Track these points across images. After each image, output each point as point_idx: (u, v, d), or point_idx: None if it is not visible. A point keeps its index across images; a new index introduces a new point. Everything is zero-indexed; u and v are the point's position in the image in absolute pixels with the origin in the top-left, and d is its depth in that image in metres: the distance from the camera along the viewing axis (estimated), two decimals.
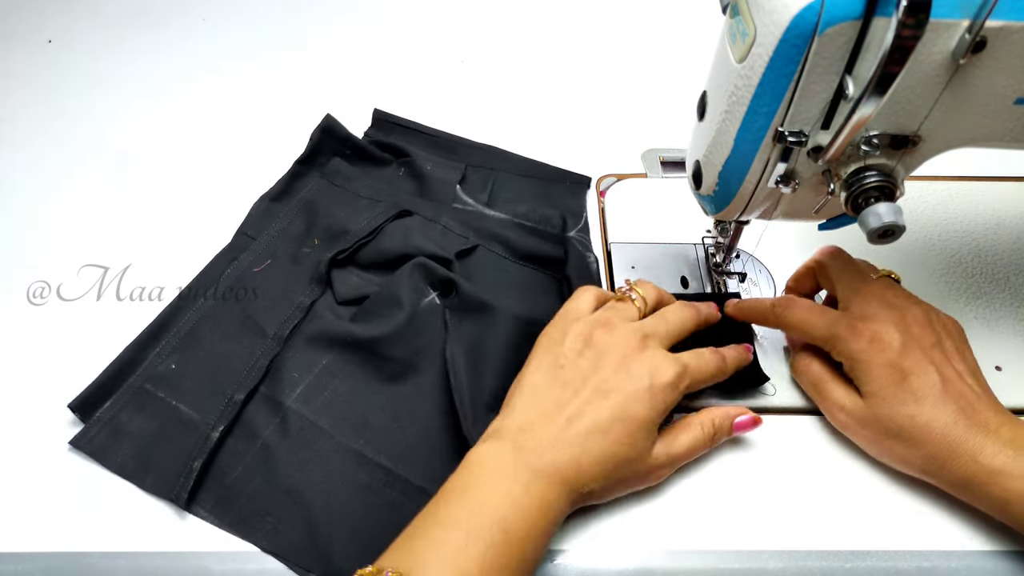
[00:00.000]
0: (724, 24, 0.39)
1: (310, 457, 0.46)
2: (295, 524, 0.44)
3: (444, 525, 0.37)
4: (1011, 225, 0.59)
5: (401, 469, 0.46)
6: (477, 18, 0.78)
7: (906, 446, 0.42)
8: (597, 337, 0.44)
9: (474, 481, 0.39)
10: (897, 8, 0.32)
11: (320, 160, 0.62)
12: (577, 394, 0.42)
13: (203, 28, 0.76)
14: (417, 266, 0.53)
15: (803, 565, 0.43)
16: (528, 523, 0.38)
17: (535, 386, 0.43)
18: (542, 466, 0.39)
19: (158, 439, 0.46)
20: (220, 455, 0.46)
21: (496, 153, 0.64)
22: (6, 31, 0.75)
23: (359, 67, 0.72)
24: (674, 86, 0.68)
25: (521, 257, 0.56)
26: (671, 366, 0.43)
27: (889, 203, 0.39)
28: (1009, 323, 0.53)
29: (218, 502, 0.45)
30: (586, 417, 0.41)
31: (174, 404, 0.48)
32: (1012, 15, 0.34)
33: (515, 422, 0.42)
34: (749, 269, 0.56)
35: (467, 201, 0.60)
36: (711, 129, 0.41)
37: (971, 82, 0.36)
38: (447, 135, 0.65)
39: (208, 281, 0.54)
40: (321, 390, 0.49)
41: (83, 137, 0.65)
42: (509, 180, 0.63)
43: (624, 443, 0.41)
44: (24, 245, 0.57)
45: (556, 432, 0.40)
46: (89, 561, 0.42)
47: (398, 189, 0.60)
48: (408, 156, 0.62)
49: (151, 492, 0.45)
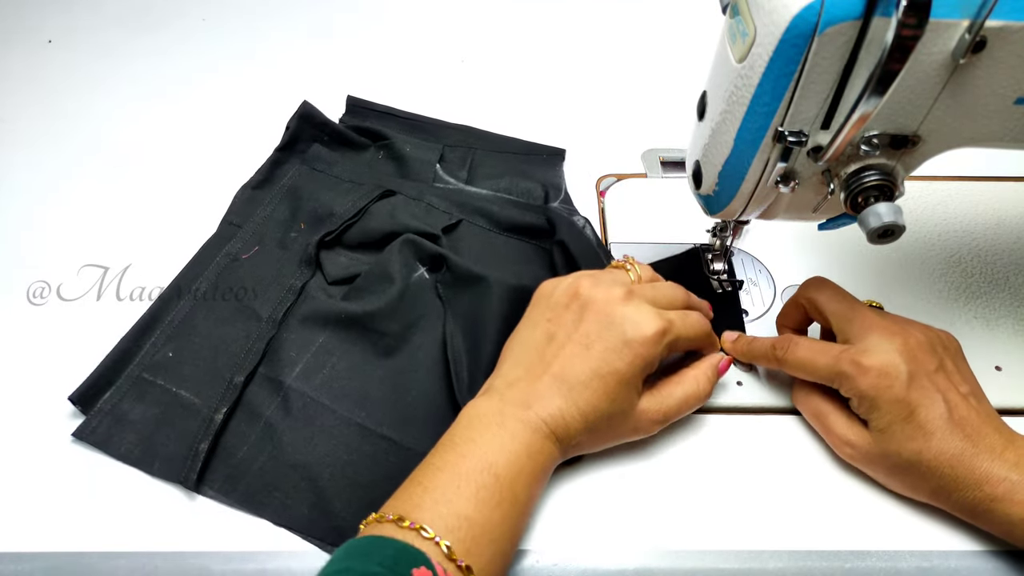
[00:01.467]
0: (724, 24, 0.39)
1: (314, 432, 0.47)
2: (303, 497, 0.45)
3: (437, 470, 0.39)
4: (1011, 225, 0.59)
5: (403, 438, 0.47)
6: (477, 18, 0.78)
7: (915, 478, 0.42)
8: (584, 289, 0.45)
9: (465, 433, 0.41)
10: (897, 8, 0.32)
11: (300, 147, 0.63)
12: (562, 347, 0.43)
13: (203, 29, 0.76)
14: (406, 242, 0.54)
15: (803, 565, 0.43)
16: (516, 467, 0.39)
17: (523, 341, 0.45)
18: (528, 418, 0.41)
19: (161, 425, 0.47)
20: (224, 436, 0.47)
21: (471, 132, 0.66)
22: (6, 31, 0.75)
23: (359, 67, 0.72)
24: (674, 86, 0.68)
25: (505, 229, 0.58)
26: (653, 320, 0.43)
27: (889, 203, 0.39)
28: (1009, 323, 0.53)
29: (225, 481, 0.45)
30: (568, 371, 0.42)
31: (174, 391, 0.48)
32: (1012, 15, 0.34)
33: (504, 379, 0.43)
34: (749, 269, 0.56)
35: (447, 180, 0.61)
36: (711, 129, 0.41)
37: (971, 82, 0.36)
38: (421, 117, 0.66)
39: (198, 270, 0.55)
40: (320, 368, 0.50)
41: (83, 137, 0.65)
42: (487, 157, 0.64)
43: (605, 398, 0.42)
44: (24, 245, 0.57)
45: (541, 386, 0.42)
46: (89, 561, 0.42)
47: (379, 171, 0.62)
48: (386, 139, 0.63)
49: (158, 477, 0.45)
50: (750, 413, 0.49)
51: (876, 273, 0.56)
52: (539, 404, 0.42)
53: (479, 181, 0.62)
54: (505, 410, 0.41)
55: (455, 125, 0.66)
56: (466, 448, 0.40)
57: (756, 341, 0.48)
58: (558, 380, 0.42)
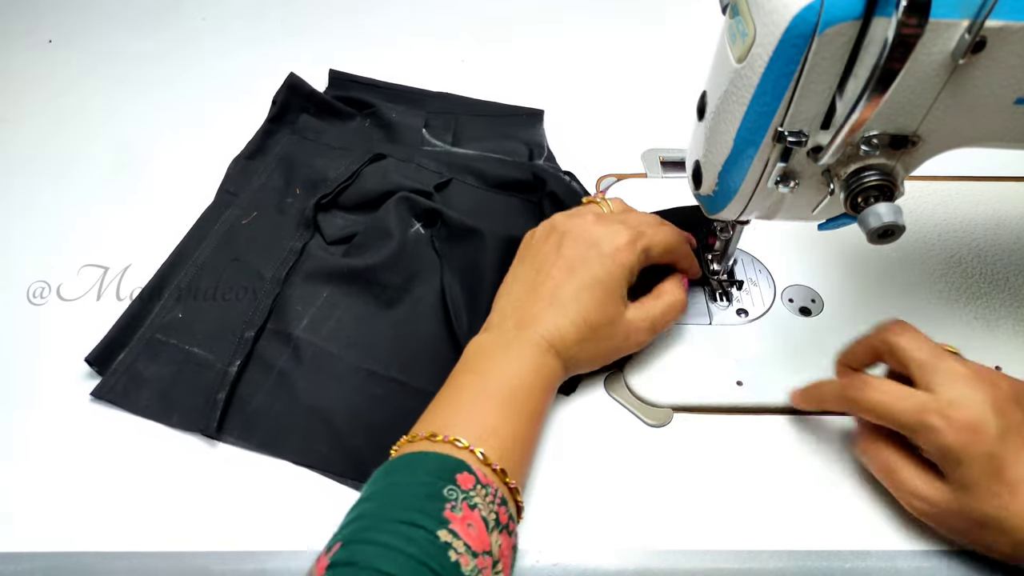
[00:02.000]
0: (724, 24, 0.39)
1: (325, 378, 0.49)
2: (321, 437, 0.47)
3: (459, 390, 0.43)
4: (1011, 225, 0.59)
5: (411, 379, 0.49)
6: (477, 18, 0.78)
7: (995, 534, 0.39)
8: (559, 222, 0.49)
9: (475, 361, 0.44)
10: (897, 8, 0.32)
11: (289, 117, 0.66)
12: (548, 274, 0.46)
13: (203, 29, 0.76)
14: (401, 200, 0.57)
15: (803, 565, 0.43)
16: (527, 382, 0.43)
17: (514, 280, 0.48)
18: (528, 337, 0.44)
19: (177, 381, 0.49)
20: (240, 387, 0.49)
21: (452, 99, 0.69)
22: (6, 31, 0.75)
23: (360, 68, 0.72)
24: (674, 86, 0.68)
25: (493, 186, 0.60)
26: (624, 231, 0.47)
27: (889, 203, 0.39)
28: (1009, 323, 0.53)
29: (244, 428, 0.47)
30: (558, 291, 0.46)
31: (187, 348, 0.50)
32: (1012, 15, 0.34)
33: (500, 314, 0.47)
34: (749, 269, 0.56)
35: (434, 143, 0.63)
36: (711, 129, 0.41)
37: (971, 82, 0.36)
38: (403, 87, 0.69)
39: (200, 236, 0.57)
40: (325, 320, 0.52)
41: (83, 137, 0.65)
42: (470, 121, 0.66)
43: (594, 308, 0.45)
44: (24, 245, 0.57)
45: (535, 309, 0.45)
46: (89, 561, 0.42)
47: (368, 138, 0.64)
48: (372, 107, 0.65)
49: (178, 428, 0.47)
50: (750, 413, 0.49)
51: (876, 273, 0.56)
52: (535, 324, 0.45)
53: (464, 143, 0.64)
54: (507, 336, 0.45)
55: (436, 93, 0.69)
56: (482, 369, 0.43)
57: (824, 385, 0.46)
58: (549, 301, 0.45)
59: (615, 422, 0.49)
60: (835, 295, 0.54)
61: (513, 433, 0.41)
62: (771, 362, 0.51)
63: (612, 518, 0.44)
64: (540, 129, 0.66)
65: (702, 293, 0.55)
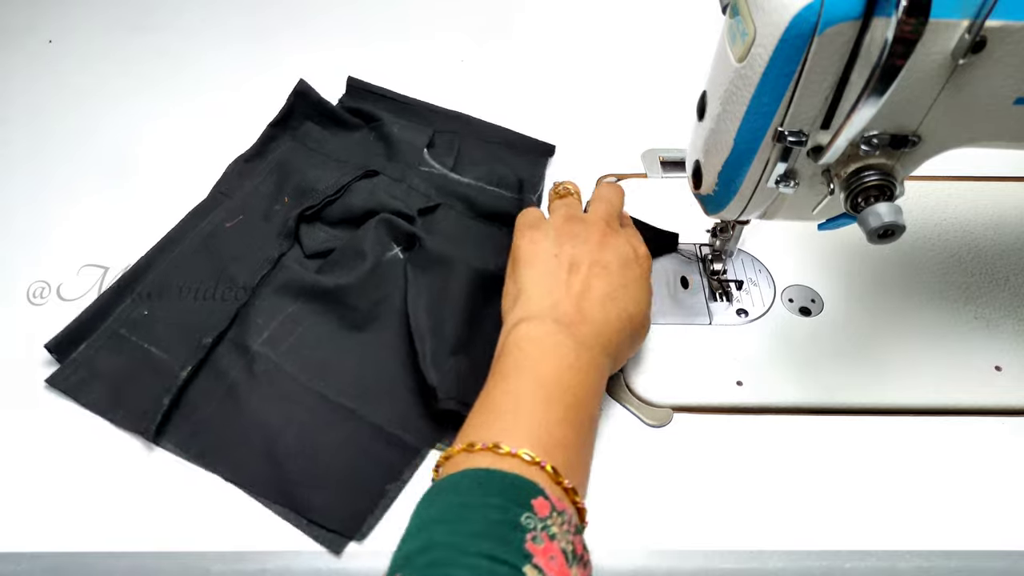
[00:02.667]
0: (724, 24, 0.39)
1: (275, 396, 0.48)
2: (258, 456, 0.46)
3: (518, 398, 0.39)
4: (1011, 225, 0.59)
5: (360, 408, 0.48)
6: (476, 18, 0.78)
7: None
8: (572, 230, 0.48)
9: (528, 359, 0.41)
10: (897, 8, 0.32)
11: (293, 123, 0.65)
12: (580, 273, 0.46)
13: (203, 28, 0.76)
14: (381, 221, 0.56)
15: (803, 565, 0.43)
16: (586, 385, 0.41)
17: (541, 275, 0.46)
18: (583, 336, 0.43)
19: (130, 378, 0.49)
20: (189, 393, 0.48)
21: (464, 119, 0.67)
22: (6, 31, 0.75)
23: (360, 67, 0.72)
24: (674, 86, 0.68)
25: (481, 215, 0.59)
26: (640, 241, 0.50)
27: (889, 203, 0.39)
28: (1009, 323, 0.53)
29: (187, 436, 0.47)
30: (596, 289, 0.45)
31: (146, 347, 0.50)
32: (1012, 15, 0.34)
33: (539, 305, 0.44)
34: (749, 269, 0.56)
35: (433, 165, 0.62)
36: (711, 129, 0.41)
37: (971, 82, 0.36)
38: (418, 101, 0.67)
39: (182, 234, 0.56)
40: (286, 336, 0.51)
41: (83, 137, 0.65)
42: (474, 144, 0.65)
43: (631, 302, 0.45)
44: (24, 245, 0.57)
45: (581, 307, 0.44)
46: (89, 561, 0.42)
47: (367, 152, 0.63)
48: (378, 121, 0.65)
49: (121, 427, 0.47)
50: (750, 413, 0.49)
51: (876, 273, 0.56)
52: (585, 322, 0.43)
53: (463, 167, 0.63)
54: (560, 331, 0.42)
55: (449, 111, 0.67)
56: (539, 371, 0.40)
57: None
58: (590, 298, 0.44)
59: (615, 422, 0.49)
60: (835, 295, 0.54)
61: (578, 443, 0.38)
62: (771, 362, 0.51)
63: (612, 518, 0.44)
64: (542, 167, 0.64)
65: (702, 293, 0.55)
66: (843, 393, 0.50)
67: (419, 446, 0.47)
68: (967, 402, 0.49)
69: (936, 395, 0.49)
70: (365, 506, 0.44)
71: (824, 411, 0.49)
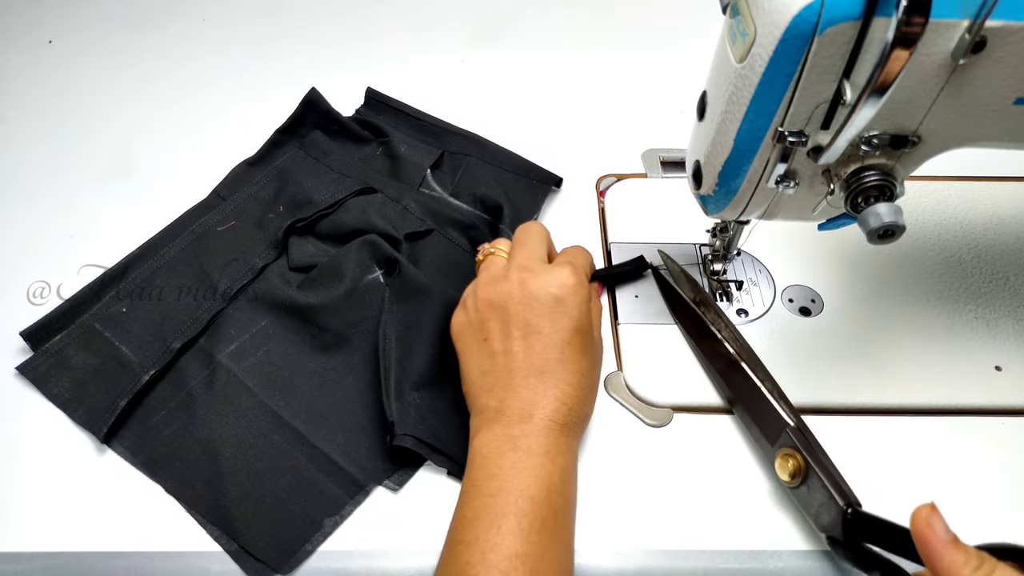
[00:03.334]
0: (724, 24, 0.39)
1: (228, 411, 0.48)
2: (200, 471, 0.45)
3: (473, 521, 0.39)
4: (1011, 225, 0.59)
5: (312, 434, 0.47)
6: (476, 18, 0.78)
7: None
8: (488, 294, 0.45)
9: (484, 473, 0.40)
10: (897, 8, 0.32)
11: (301, 131, 0.64)
12: (510, 351, 0.43)
13: (203, 29, 0.76)
14: (365, 243, 0.54)
15: (803, 565, 0.43)
16: (545, 480, 0.39)
17: (478, 368, 0.44)
18: (536, 427, 0.41)
19: (96, 375, 0.49)
20: (148, 398, 0.48)
21: (477, 141, 0.65)
22: (6, 31, 0.75)
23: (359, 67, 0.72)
24: (674, 86, 0.68)
25: (474, 244, 0.57)
26: (562, 269, 0.45)
27: (889, 203, 0.39)
28: (1009, 323, 0.53)
29: (136, 440, 0.47)
30: (535, 362, 0.42)
31: (117, 345, 0.50)
32: (1012, 15, 0.34)
33: (488, 405, 0.43)
34: (749, 269, 0.56)
35: (434, 187, 0.61)
36: (711, 129, 0.41)
37: (971, 82, 0.36)
38: (433, 119, 0.66)
39: (174, 234, 0.56)
40: (255, 350, 0.51)
41: (83, 137, 0.65)
42: (478, 168, 0.63)
43: (582, 355, 0.43)
44: (24, 245, 0.57)
45: (525, 393, 0.42)
46: (89, 561, 0.42)
47: (370, 167, 0.62)
48: (387, 136, 0.64)
49: (79, 423, 0.47)
50: None
51: (876, 273, 0.56)
52: (537, 407, 0.41)
53: (464, 192, 0.61)
54: (511, 431, 0.41)
55: (463, 132, 0.65)
56: (491, 486, 0.39)
57: (946, 548, 0.35)
58: (535, 375, 0.42)
59: (615, 422, 0.49)
60: (835, 295, 0.54)
61: (540, 550, 0.37)
62: (771, 362, 0.51)
63: (612, 518, 0.44)
64: (541, 198, 0.61)
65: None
66: (843, 393, 0.50)
67: (365, 483, 0.45)
68: (967, 402, 0.49)
69: (936, 395, 0.49)
70: (297, 538, 0.43)
71: (824, 411, 0.49)
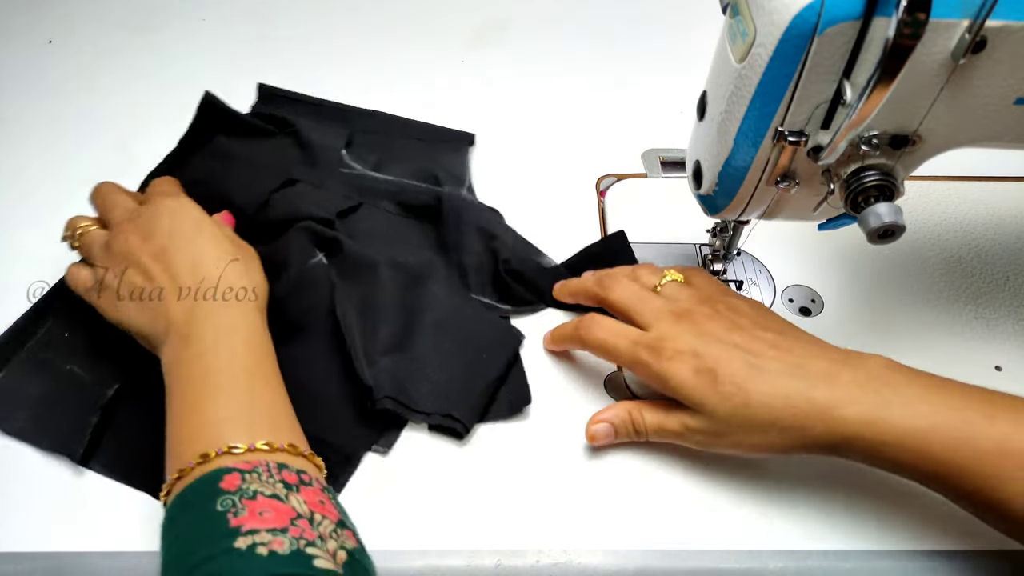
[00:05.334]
0: (724, 24, 0.39)
1: None
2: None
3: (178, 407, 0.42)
4: (1011, 225, 0.59)
5: None
6: (476, 18, 0.78)
7: (760, 433, 0.41)
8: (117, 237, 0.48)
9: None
10: (897, 8, 0.32)
11: (202, 139, 0.62)
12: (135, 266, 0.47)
13: (204, 28, 0.76)
14: (300, 229, 0.54)
15: (804, 565, 0.43)
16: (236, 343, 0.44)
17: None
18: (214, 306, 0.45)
19: (54, 401, 0.48)
20: (114, 413, 0.47)
21: (381, 116, 0.66)
22: (6, 31, 0.75)
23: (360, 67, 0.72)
24: (674, 86, 0.68)
25: (404, 211, 0.58)
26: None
27: (889, 203, 0.39)
28: (1009, 323, 0.53)
29: (113, 456, 0.46)
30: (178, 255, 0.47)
31: (68, 368, 0.49)
32: (1012, 15, 0.34)
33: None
34: (749, 269, 0.56)
35: (353, 166, 0.61)
36: (711, 129, 0.41)
37: (971, 82, 0.36)
38: (332, 103, 0.66)
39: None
40: None
41: (82, 137, 0.65)
42: (396, 143, 0.64)
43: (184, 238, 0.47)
44: (24, 245, 0.57)
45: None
46: (89, 561, 0.42)
47: (284, 159, 0.61)
48: (293, 126, 0.63)
49: (49, 451, 0.46)
50: None
51: (876, 273, 0.56)
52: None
53: (388, 166, 0.61)
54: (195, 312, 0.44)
55: (365, 110, 0.66)
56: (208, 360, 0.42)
57: (564, 326, 0.50)
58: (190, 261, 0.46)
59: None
60: (835, 295, 0.54)
61: (270, 398, 0.42)
62: None
63: (612, 518, 0.44)
64: (462, 157, 0.63)
65: None
66: None
67: (352, 450, 0.46)
68: None
69: None
70: None
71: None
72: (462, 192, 0.60)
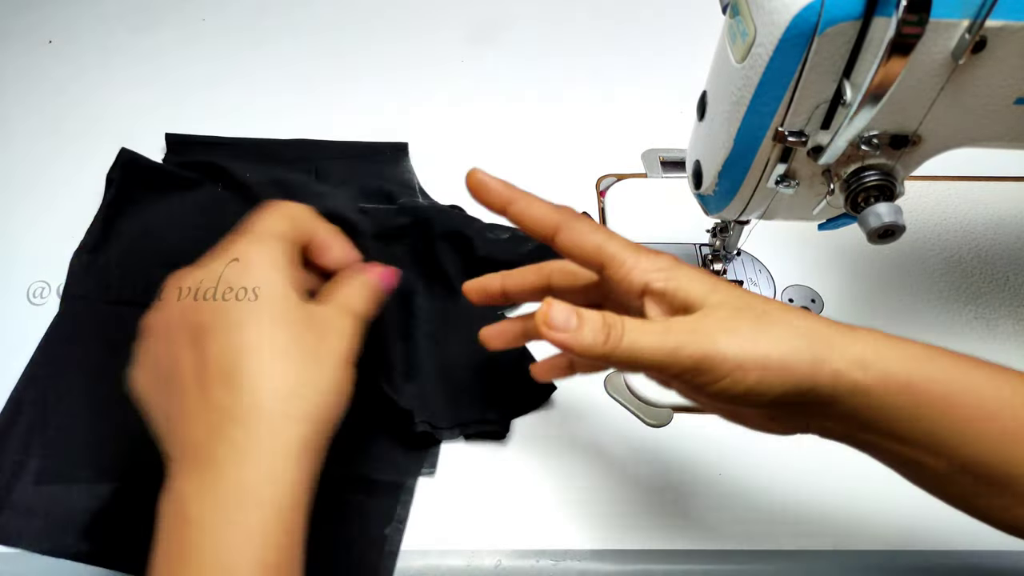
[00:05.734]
0: (724, 24, 0.39)
1: None
2: None
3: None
4: (1011, 225, 0.59)
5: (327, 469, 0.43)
6: (476, 17, 0.78)
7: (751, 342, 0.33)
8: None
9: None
10: (897, 8, 0.32)
11: (134, 197, 0.58)
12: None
13: (203, 28, 0.76)
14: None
15: (804, 565, 0.43)
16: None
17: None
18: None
19: (63, 511, 0.44)
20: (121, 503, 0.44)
21: (309, 145, 0.63)
22: (6, 31, 0.75)
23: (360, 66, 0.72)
24: (674, 86, 0.68)
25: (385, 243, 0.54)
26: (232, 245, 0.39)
27: (889, 203, 0.39)
28: (1009, 323, 0.53)
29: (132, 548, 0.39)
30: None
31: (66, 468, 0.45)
32: (1012, 15, 0.34)
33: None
34: (749, 269, 0.56)
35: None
36: (711, 129, 0.41)
37: (971, 82, 0.36)
38: (251, 140, 0.63)
39: (49, 362, 0.50)
40: None
41: (83, 137, 0.65)
42: (330, 166, 0.61)
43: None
44: (24, 245, 0.57)
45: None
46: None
47: (224, 210, 0.56)
48: (224, 170, 0.59)
49: (45, 553, 0.43)
50: None
51: (876, 273, 0.56)
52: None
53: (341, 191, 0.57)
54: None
55: (290, 141, 0.63)
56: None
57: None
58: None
59: (615, 422, 0.49)
60: (835, 295, 0.54)
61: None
62: None
63: (612, 518, 0.44)
64: (405, 165, 0.62)
65: None
66: None
67: (402, 480, 0.45)
68: None
69: None
70: (374, 559, 0.42)
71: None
72: (418, 200, 0.59)
